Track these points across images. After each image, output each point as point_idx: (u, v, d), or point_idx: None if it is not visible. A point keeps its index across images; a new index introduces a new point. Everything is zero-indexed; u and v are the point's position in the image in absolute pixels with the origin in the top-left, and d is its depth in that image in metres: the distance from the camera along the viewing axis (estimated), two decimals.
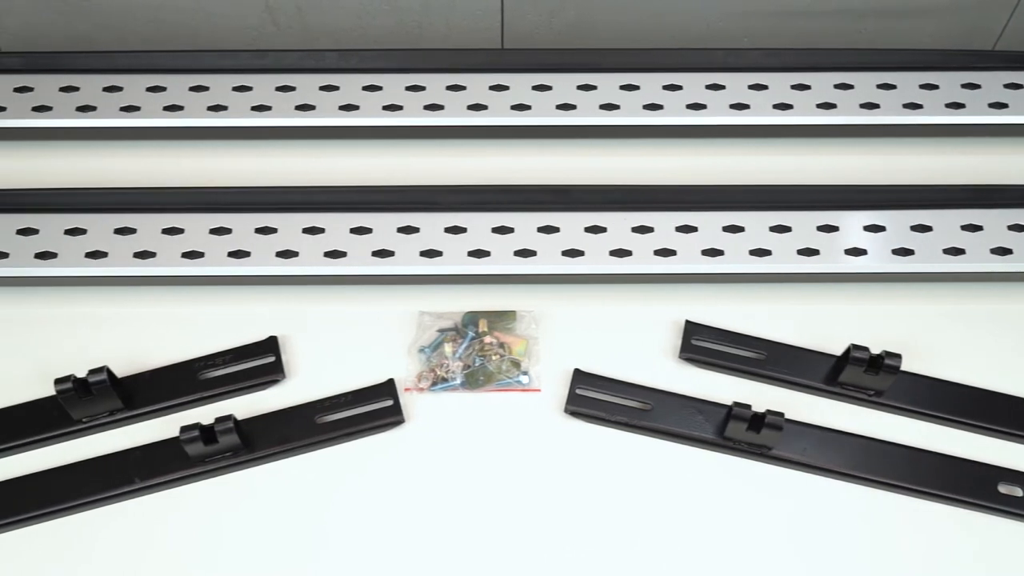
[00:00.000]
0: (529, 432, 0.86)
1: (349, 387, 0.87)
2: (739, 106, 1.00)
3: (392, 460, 0.85)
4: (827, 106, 1.00)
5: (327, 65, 1.02)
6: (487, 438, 0.86)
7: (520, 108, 1.00)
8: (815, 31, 1.10)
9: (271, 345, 0.89)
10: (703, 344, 0.90)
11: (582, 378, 0.87)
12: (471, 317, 0.91)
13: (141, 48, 1.04)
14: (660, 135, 1.02)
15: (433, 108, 1.00)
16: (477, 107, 1.00)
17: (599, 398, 0.87)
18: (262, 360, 0.88)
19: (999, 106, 1.01)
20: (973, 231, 0.93)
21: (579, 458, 0.85)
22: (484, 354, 0.89)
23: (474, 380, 0.88)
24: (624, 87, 1.01)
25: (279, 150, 1.02)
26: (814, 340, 0.90)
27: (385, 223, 0.93)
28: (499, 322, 0.91)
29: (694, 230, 0.93)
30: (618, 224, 0.93)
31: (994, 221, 0.94)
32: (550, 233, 0.92)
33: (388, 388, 0.87)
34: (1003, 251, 0.92)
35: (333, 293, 0.93)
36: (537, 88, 1.01)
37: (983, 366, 0.90)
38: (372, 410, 0.86)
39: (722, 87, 1.01)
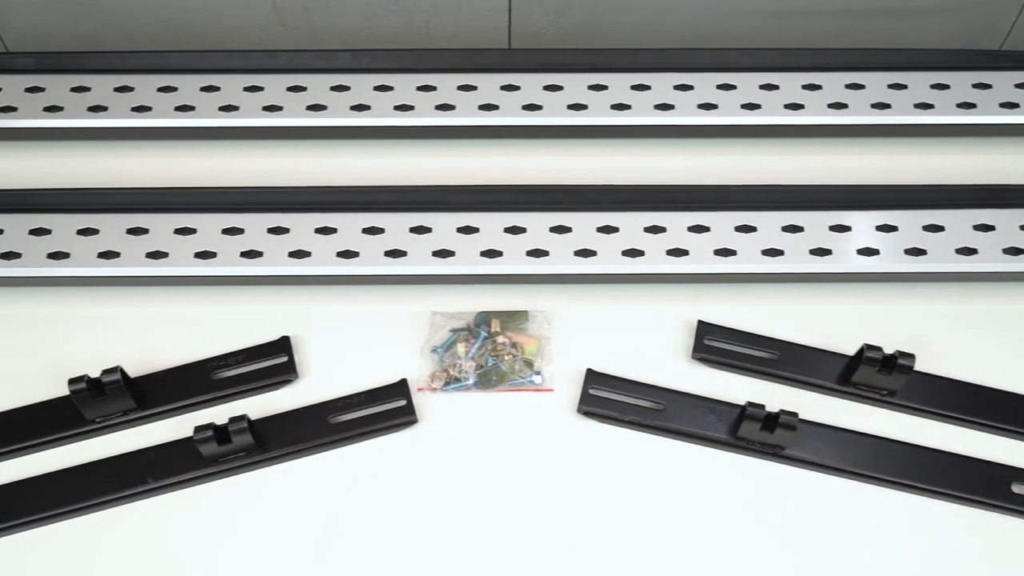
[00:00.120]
0: (542, 432, 0.86)
1: (362, 387, 0.87)
2: (750, 106, 1.00)
3: (405, 460, 0.85)
4: (838, 106, 1.00)
5: (338, 65, 1.02)
6: (500, 438, 0.86)
7: (531, 108, 1.00)
8: (821, 31, 1.10)
9: (284, 345, 0.89)
10: (715, 344, 0.90)
11: (595, 378, 0.87)
12: (483, 317, 0.91)
13: (148, 48, 1.04)
14: (671, 135, 1.02)
15: (444, 108, 1.00)
16: (488, 107, 1.00)
17: (612, 398, 0.87)
18: (275, 360, 0.88)
19: (1010, 106, 1.01)
20: (985, 231, 0.93)
21: (592, 458, 0.85)
22: (497, 354, 0.89)
23: (487, 380, 0.88)
24: (635, 87, 1.01)
25: (290, 150, 1.02)
26: (826, 340, 0.90)
27: (397, 223, 0.93)
28: (511, 322, 0.91)
29: (706, 230, 0.93)
30: (630, 224, 0.93)
31: (1006, 221, 0.94)
32: (562, 233, 0.92)
33: (401, 388, 0.87)
34: (1015, 251, 0.92)
35: (345, 293, 0.93)
36: (548, 88, 1.01)
37: (995, 366, 0.90)
38: (385, 410, 0.86)
39: (733, 87, 1.01)
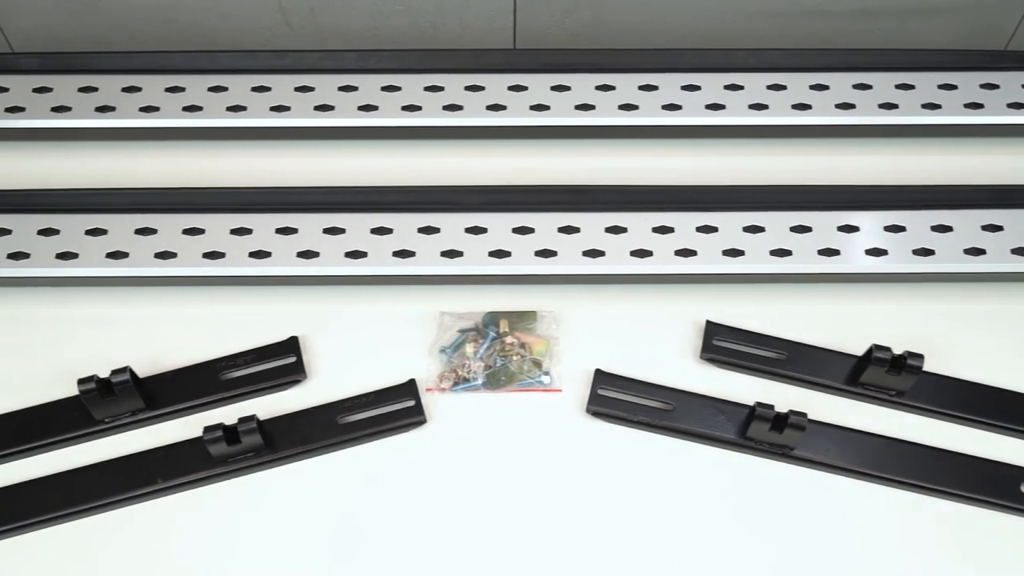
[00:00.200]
0: (551, 432, 0.86)
1: (370, 387, 0.87)
2: (758, 106, 1.00)
3: (414, 460, 0.85)
4: (846, 106, 1.00)
5: (346, 66, 1.02)
6: (509, 438, 0.86)
7: (539, 108, 1.00)
8: (829, 31, 1.10)
9: (292, 345, 0.89)
10: (724, 344, 0.90)
11: (603, 378, 0.87)
12: (492, 317, 0.91)
13: (155, 48, 1.04)
14: (679, 135, 1.02)
15: (452, 108, 1.00)
16: (496, 107, 1.00)
17: (621, 398, 0.87)
18: (283, 360, 0.88)
19: (1018, 106, 1.01)
20: (993, 231, 0.93)
21: (601, 458, 0.85)
22: (505, 354, 0.89)
23: (495, 380, 0.88)
24: (642, 87, 1.01)
25: (298, 150, 1.02)
26: (835, 340, 0.90)
27: (405, 223, 0.93)
28: (520, 322, 0.91)
29: (714, 230, 0.93)
30: (638, 224, 0.93)
31: (1015, 221, 0.94)
32: (570, 233, 0.92)
33: (410, 388, 0.87)
34: None
35: (354, 293, 0.93)
36: (555, 88, 1.01)
37: (1004, 366, 0.90)
38: (394, 410, 0.86)
39: (740, 87, 1.01)
